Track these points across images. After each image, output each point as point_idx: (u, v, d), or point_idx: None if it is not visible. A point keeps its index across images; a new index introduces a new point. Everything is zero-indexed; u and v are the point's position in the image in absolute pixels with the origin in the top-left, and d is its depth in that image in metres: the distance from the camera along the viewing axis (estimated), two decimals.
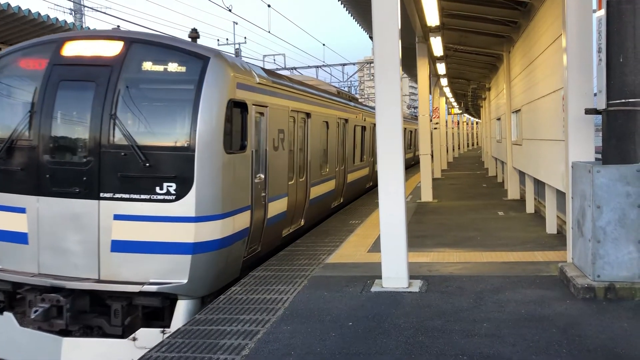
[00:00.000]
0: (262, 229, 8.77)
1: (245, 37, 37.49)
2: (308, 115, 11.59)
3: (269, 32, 27.05)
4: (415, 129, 34.05)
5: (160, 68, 7.34)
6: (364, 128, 18.43)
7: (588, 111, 6.97)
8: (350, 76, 48.73)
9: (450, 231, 11.07)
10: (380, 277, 7.12)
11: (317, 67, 40.80)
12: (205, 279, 7.21)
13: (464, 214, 13.42)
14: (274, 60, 38.77)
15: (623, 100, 6.35)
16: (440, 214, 13.51)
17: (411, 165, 32.14)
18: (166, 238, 7.02)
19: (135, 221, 7.08)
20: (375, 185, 20.19)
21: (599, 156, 6.82)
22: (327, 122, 13.32)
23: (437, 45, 16.03)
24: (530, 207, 13.37)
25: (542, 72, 10.45)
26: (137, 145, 7.08)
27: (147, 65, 7.35)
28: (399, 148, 6.96)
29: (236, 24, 33.06)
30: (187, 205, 7.00)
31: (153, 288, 6.95)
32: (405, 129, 29.26)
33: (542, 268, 7.79)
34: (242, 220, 7.86)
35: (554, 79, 9.16)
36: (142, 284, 6.96)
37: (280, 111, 9.69)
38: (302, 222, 11.43)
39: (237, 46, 33.25)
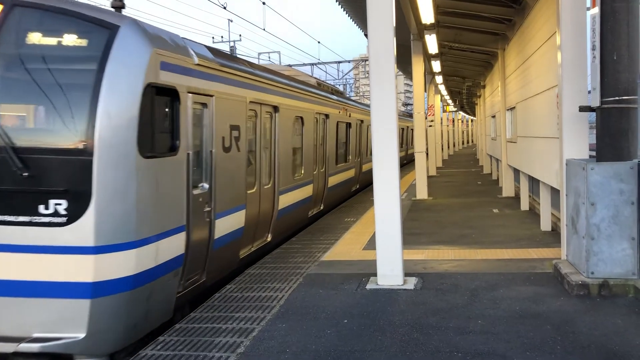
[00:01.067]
0: (207, 254, 7.01)
1: (240, 35, 37.47)
2: (275, 108, 9.76)
3: (264, 29, 27.00)
4: (407, 127, 33.95)
5: (51, 41, 5.53)
6: (349, 125, 16.78)
7: (582, 109, 6.99)
8: (346, 74, 48.74)
9: (445, 228, 11.10)
10: (375, 275, 7.14)
11: (312, 64, 40.76)
12: (113, 330, 5.37)
13: (459, 211, 13.45)
14: (269, 57, 38.76)
15: (617, 98, 6.37)
16: (435, 212, 13.54)
17: (403, 164, 31.77)
18: (55, 276, 5.21)
19: (11, 252, 5.25)
20: (363, 188, 19.35)
21: (593, 153, 6.85)
22: (301, 118, 11.51)
23: (432, 42, 16.05)
24: (524, 205, 13.41)
25: (537, 69, 10.48)
26: (12, 146, 5.29)
27: (34, 37, 5.53)
28: (394, 145, 6.96)
29: (231, 21, 33.00)
30: (83, 231, 5.20)
31: (34, 347, 5.09)
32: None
33: (536, 265, 7.83)
34: (172, 246, 6.01)
35: (549, 76, 9.19)
36: (20, 340, 5.11)
37: (234, 102, 7.84)
38: (269, 238, 9.60)
39: (232, 44, 33.19)
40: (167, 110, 6.16)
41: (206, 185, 7.01)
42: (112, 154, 5.33)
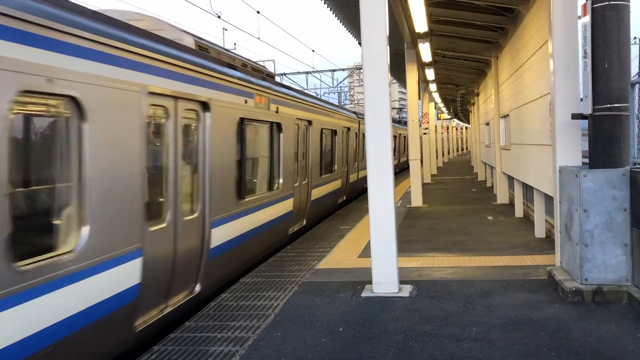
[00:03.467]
0: None
1: (235, 44, 37.45)
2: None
3: (258, 38, 27.05)
4: (394, 133, 33.83)
5: None
6: (275, 126, 10.56)
7: (575, 116, 7.04)
8: (340, 82, 48.88)
9: (440, 236, 11.12)
10: (370, 283, 7.14)
11: (306, 73, 40.88)
12: None
13: (454, 218, 13.48)
14: (264, 65, 38.72)
15: (609, 105, 6.42)
16: (430, 219, 13.56)
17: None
18: None
19: None
20: (315, 223, 14.04)
21: (586, 160, 6.89)
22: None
23: (425, 51, 16.13)
24: (519, 212, 13.45)
25: (530, 77, 10.54)
26: None
27: None
28: (388, 154, 6.99)
29: (225, 30, 33.03)
30: None
31: None
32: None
33: (531, 272, 7.85)
34: None
35: (541, 84, 9.25)
36: None
37: None
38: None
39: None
40: None
41: None
42: None
